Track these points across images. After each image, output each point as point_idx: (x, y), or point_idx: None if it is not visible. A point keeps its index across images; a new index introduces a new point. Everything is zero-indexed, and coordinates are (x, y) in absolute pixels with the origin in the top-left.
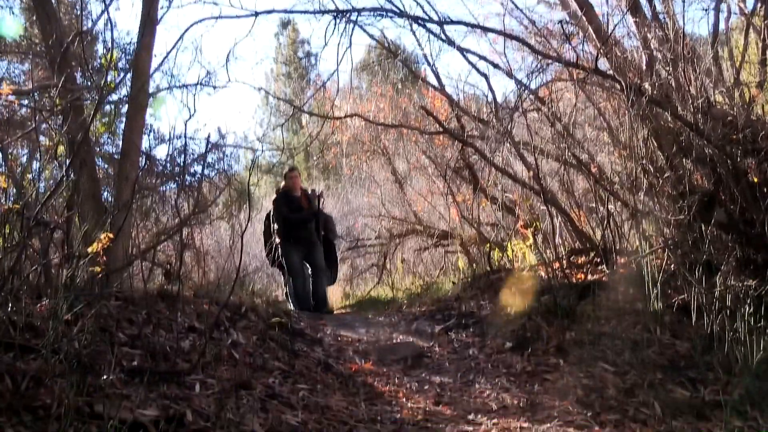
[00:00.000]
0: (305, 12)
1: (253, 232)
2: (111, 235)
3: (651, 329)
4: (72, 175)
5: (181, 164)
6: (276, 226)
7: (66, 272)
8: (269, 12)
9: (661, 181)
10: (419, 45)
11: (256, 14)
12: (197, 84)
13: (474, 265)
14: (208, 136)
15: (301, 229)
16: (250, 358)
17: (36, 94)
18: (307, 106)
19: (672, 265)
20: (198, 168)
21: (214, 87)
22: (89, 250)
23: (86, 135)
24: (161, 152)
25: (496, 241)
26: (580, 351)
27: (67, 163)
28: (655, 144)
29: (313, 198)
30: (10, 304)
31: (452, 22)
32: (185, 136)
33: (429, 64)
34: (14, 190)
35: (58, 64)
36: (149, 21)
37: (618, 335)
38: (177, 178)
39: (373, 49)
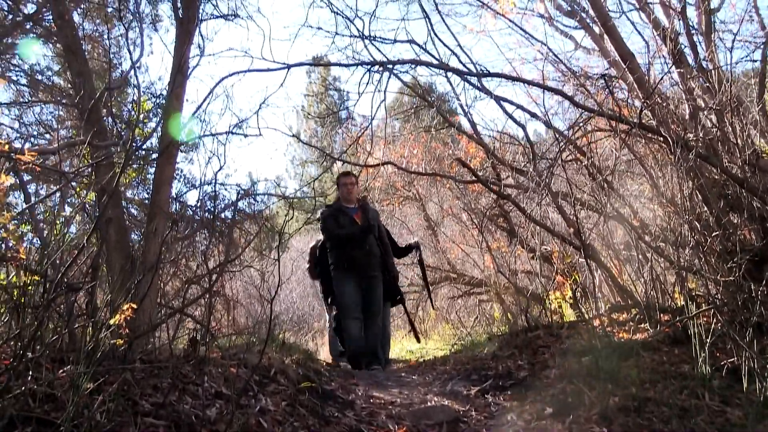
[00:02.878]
0: (339, 65)
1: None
2: (134, 306)
3: (699, 395)
4: (97, 236)
5: (212, 210)
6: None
7: (89, 339)
8: (302, 65)
9: (708, 240)
10: (455, 93)
11: (288, 67)
12: (228, 132)
13: (510, 316)
14: (240, 187)
15: (356, 252)
16: (279, 428)
17: (62, 152)
18: (338, 151)
19: (720, 326)
20: (229, 214)
21: (245, 135)
22: (111, 322)
23: (115, 189)
24: (192, 198)
25: (532, 293)
26: (625, 418)
27: (95, 221)
28: (701, 198)
29: (367, 209)
30: (30, 372)
31: (491, 75)
32: (215, 182)
33: (464, 112)
34: (38, 243)
35: (86, 120)
36: (180, 72)
37: (664, 401)
38: (207, 225)
39: (405, 91)
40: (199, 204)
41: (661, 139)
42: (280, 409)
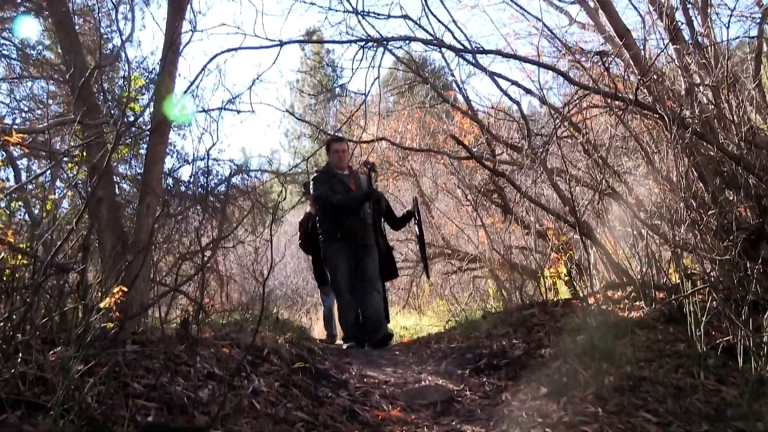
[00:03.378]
0: (333, 41)
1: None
2: (124, 288)
3: (694, 374)
4: (88, 216)
5: (205, 185)
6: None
7: (79, 322)
8: (295, 42)
9: (704, 218)
10: (449, 69)
11: (281, 44)
12: (221, 108)
13: (504, 293)
14: (233, 162)
15: (351, 221)
16: (272, 409)
17: (51, 131)
18: (332, 125)
19: (715, 304)
20: (222, 189)
21: (238, 112)
22: (101, 305)
23: (106, 168)
24: (185, 173)
25: (527, 268)
26: (620, 398)
27: (86, 200)
28: (697, 175)
29: (361, 174)
30: (20, 355)
31: (486, 52)
32: (208, 157)
33: (459, 88)
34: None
35: (77, 98)
36: (172, 49)
37: (659, 380)
38: (200, 201)
39: (399, 66)
40: (192, 179)
41: (657, 116)
42: (273, 389)
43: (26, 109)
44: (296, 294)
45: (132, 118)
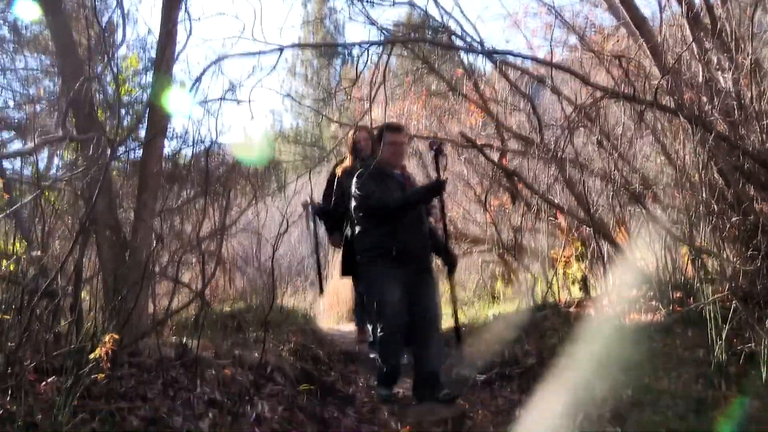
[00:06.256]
0: (336, 44)
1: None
2: (116, 336)
3: (715, 384)
4: (82, 240)
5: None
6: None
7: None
8: (295, 46)
9: (727, 224)
10: (463, 67)
11: (282, 49)
12: (220, 99)
13: (513, 276)
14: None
15: (409, 234)
16: None
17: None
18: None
19: (737, 311)
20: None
21: (238, 102)
22: (91, 357)
23: (104, 179)
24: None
25: (535, 251)
26: (639, 415)
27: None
28: (719, 176)
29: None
30: (9, 396)
31: (498, 52)
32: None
33: (466, 71)
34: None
35: (64, 115)
36: (168, 38)
37: (679, 393)
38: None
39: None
40: (192, 162)
41: (681, 118)
42: (277, 414)
43: (19, 87)
44: (300, 264)
45: (124, 136)
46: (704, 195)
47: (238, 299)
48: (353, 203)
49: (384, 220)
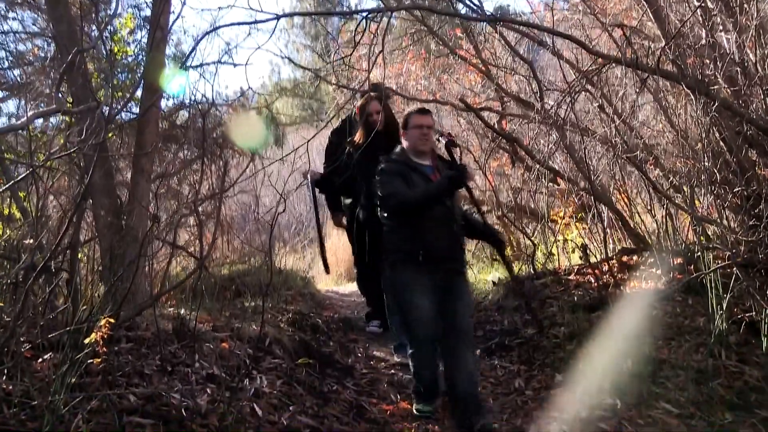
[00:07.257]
0: (334, 14)
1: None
2: (112, 320)
3: (716, 353)
4: (77, 218)
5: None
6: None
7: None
8: (293, 15)
9: (729, 193)
10: (463, 32)
11: (278, 18)
12: (217, 62)
13: (512, 239)
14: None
15: (437, 233)
16: (276, 414)
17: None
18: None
19: (738, 280)
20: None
21: (234, 65)
22: (86, 341)
23: (101, 149)
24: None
25: (535, 211)
26: (639, 387)
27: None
28: (718, 135)
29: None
30: (5, 376)
31: (500, 20)
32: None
33: (469, 38)
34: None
35: (57, 85)
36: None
37: (679, 364)
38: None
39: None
40: (189, 122)
41: (684, 86)
42: (275, 389)
43: (12, 43)
44: (299, 222)
45: (120, 106)
46: (706, 163)
47: (237, 262)
48: (378, 200)
49: (408, 220)
